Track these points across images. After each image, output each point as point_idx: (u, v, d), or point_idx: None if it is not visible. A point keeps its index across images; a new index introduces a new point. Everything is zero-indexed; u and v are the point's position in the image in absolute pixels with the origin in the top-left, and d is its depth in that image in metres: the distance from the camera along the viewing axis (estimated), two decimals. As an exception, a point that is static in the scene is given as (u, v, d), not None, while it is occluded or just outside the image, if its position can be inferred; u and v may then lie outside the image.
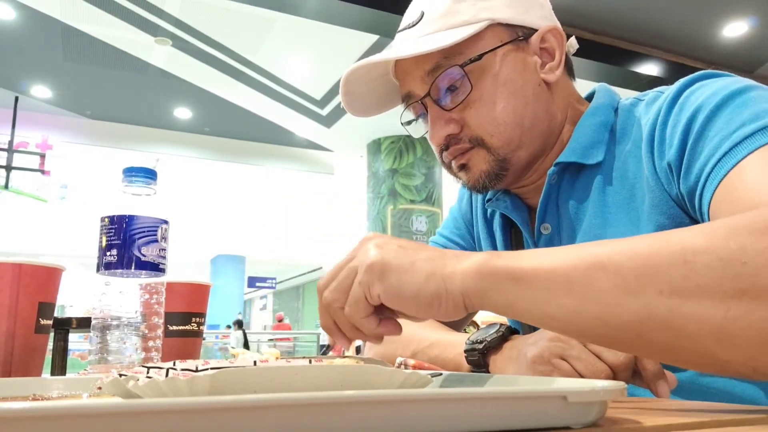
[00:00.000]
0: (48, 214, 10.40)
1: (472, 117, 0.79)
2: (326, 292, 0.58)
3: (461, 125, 0.80)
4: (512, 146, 0.80)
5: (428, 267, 0.53)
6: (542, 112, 0.82)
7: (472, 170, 0.82)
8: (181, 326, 0.83)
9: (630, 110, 0.82)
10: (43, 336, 0.74)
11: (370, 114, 0.91)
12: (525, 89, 0.80)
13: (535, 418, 0.36)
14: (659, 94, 0.79)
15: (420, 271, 0.53)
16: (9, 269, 0.70)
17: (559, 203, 0.84)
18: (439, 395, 0.34)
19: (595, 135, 0.82)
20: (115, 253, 0.66)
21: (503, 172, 0.81)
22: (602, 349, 0.61)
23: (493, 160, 0.80)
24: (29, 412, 0.26)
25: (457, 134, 0.81)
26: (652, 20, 5.43)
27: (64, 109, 7.74)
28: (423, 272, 0.53)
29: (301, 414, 0.31)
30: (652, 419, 0.38)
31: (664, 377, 0.60)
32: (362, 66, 0.81)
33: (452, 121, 0.80)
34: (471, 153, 0.81)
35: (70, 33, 5.84)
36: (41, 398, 0.54)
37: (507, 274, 0.51)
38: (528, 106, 0.80)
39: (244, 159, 8.94)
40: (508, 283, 0.51)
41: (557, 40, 0.83)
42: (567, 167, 0.83)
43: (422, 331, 0.86)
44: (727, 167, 0.61)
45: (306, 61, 6.35)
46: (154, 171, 0.70)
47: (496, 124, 0.79)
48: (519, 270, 0.50)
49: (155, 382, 0.37)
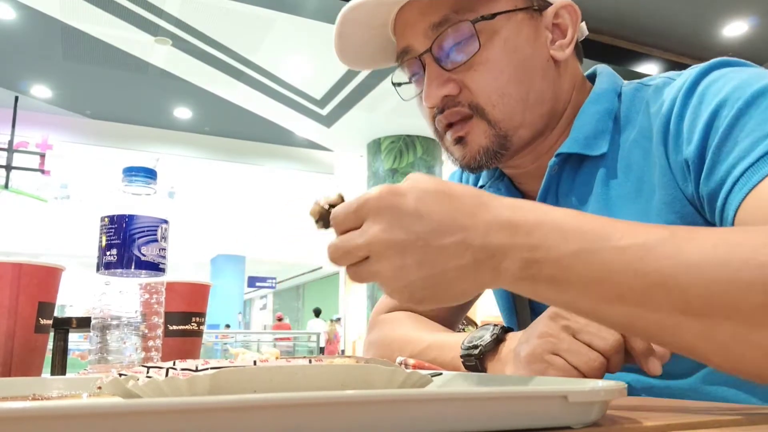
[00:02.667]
0: (48, 214, 10.40)
1: (475, 80, 0.73)
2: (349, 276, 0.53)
3: (460, 87, 0.74)
4: (514, 122, 0.74)
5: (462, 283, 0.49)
6: (548, 91, 0.76)
7: (470, 145, 0.76)
8: (181, 326, 0.83)
9: (635, 96, 0.77)
10: (43, 336, 0.74)
11: (360, 66, 0.85)
12: (534, 62, 0.75)
13: (535, 418, 0.36)
14: (669, 81, 0.74)
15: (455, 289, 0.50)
16: (9, 269, 0.70)
17: (558, 196, 0.79)
18: (440, 395, 0.34)
19: (598, 124, 0.77)
20: (115, 253, 0.66)
21: (503, 151, 0.75)
22: (592, 337, 0.59)
23: (494, 136, 0.74)
24: (29, 411, 0.26)
25: (455, 96, 0.74)
26: (652, 20, 5.43)
27: (64, 109, 7.74)
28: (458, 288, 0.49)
29: (301, 414, 0.31)
30: (653, 419, 0.38)
31: (654, 354, 0.59)
32: (362, 5, 0.75)
33: (451, 81, 0.74)
34: (470, 125, 0.75)
35: (70, 33, 5.83)
36: (41, 398, 0.54)
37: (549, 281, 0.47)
38: (534, 81, 0.75)
39: (244, 159, 8.94)
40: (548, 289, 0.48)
41: (572, 17, 0.78)
42: (568, 158, 0.78)
43: (418, 333, 0.84)
44: (762, 173, 0.57)
45: (306, 60, 6.34)
46: (154, 171, 0.70)
47: (500, 93, 0.73)
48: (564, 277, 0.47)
49: (155, 381, 0.37)
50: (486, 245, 0.48)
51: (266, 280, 18.29)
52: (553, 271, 0.47)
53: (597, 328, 0.60)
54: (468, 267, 0.48)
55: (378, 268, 0.50)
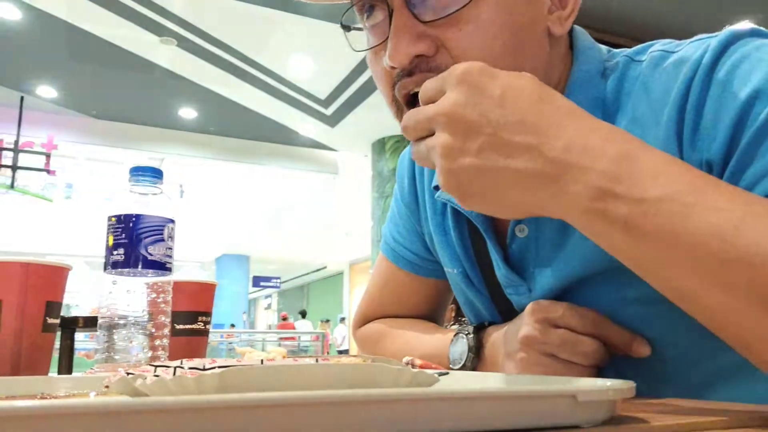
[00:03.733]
0: (54, 214, 10.44)
1: (459, 41, 0.57)
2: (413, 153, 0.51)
3: (437, 46, 0.58)
4: None
5: (518, 193, 0.45)
6: (540, 69, 0.61)
7: None
8: (188, 325, 0.83)
9: (624, 75, 0.63)
10: (51, 335, 0.74)
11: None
12: (530, 32, 0.60)
13: (544, 418, 0.35)
14: (666, 54, 0.61)
15: (507, 197, 0.45)
16: (17, 268, 0.70)
17: None
18: (447, 394, 0.34)
19: None
20: (122, 252, 0.66)
21: None
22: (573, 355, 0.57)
23: None
24: (37, 410, 0.26)
25: (429, 58, 0.58)
26: (657, 19, 5.41)
27: (70, 109, 7.77)
28: (511, 198, 0.45)
29: (308, 412, 0.31)
30: (663, 419, 0.38)
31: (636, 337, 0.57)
32: None
33: (426, 37, 0.57)
34: None
35: (75, 33, 5.86)
36: (49, 396, 0.54)
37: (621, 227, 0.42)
38: (528, 54, 0.60)
39: (248, 158, 8.96)
40: (618, 232, 0.43)
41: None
42: None
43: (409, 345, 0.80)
44: None
45: (310, 60, 6.35)
46: (160, 170, 0.70)
47: (492, 61, 0.52)
48: (640, 223, 0.41)
49: (163, 380, 0.37)
50: (561, 159, 0.42)
51: (271, 279, 18.34)
52: (630, 212, 0.41)
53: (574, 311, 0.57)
54: (531, 176, 0.43)
55: (436, 141, 0.46)
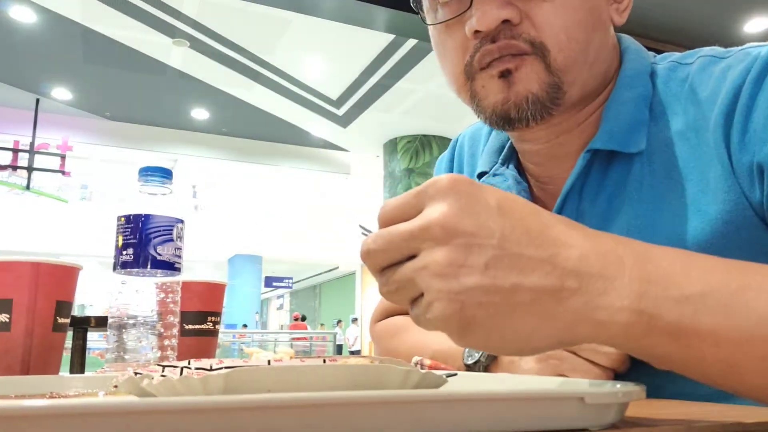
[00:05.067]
0: (68, 214, 10.54)
1: (543, 13, 0.60)
2: (381, 286, 0.41)
3: (521, 16, 0.61)
4: (572, 75, 0.62)
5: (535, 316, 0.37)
6: (604, 51, 0.66)
7: (518, 85, 0.62)
8: (197, 325, 0.84)
9: (671, 77, 0.66)
10: (61, 334, 0.75)
11: None
12: (600, 13, 0.64)
13: (552, 420, 0.35)
14: (715, 59, 0.63)
15: (521, 325, 0.37)
16: (27, 268, 0.70)
17: (583, 194, 0.67)
18: (454, 396, 0.34)
19: (634, 114, 0.65)
20: (131, 252, 0.66)
21: (552, 107, 0.62)
22: (593, 353, 0.57)
23: (548, 86, 0.61)
24: (43, 409, 0.26)
25: (515, 25, 0.61)
26: (673, 17, 5.37)
27: (84, 111, 7.85)
28: (526, 325, 0.37)
29: (315, 414, 0.30)
30: (673, 422, 0.38)
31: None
32: None
33: (512, 5, 0.60)
34: (524, 60, 0.61)
35: (89, 36, 5.92)
36: (58, 396, 0.54)
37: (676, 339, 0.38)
38: (597, 34, 0.64)
39: (260, 159, 9.00)
40: (668, 344, 0.38)
41: None
42: (597, 153, 0.65)
43: (419, 343, 0.79)
44: None
45: (322, 61, 6.37)
46: (169, 170, 0.70)
47: (569, 36, 0.61)
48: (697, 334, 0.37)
49: (169, 380, 0.37)
50: (581, 270, 0.37)
51: (283, 280, 18.40)
52: (680, 314, 0.37)
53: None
54: (550, 293, 0.37)
55: (428, 260, 0.37)
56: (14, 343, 0.69)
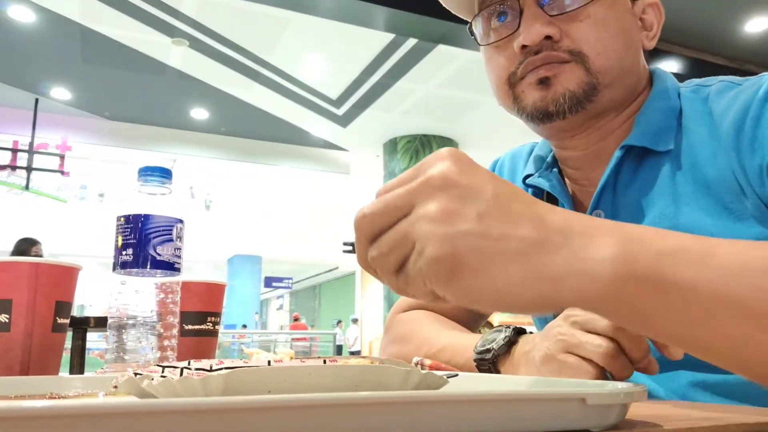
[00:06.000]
0: (67, 215, 10.54)
1: (580, 30, 0.72)
2: (373, 250, 0.41)
3: (561, 34, 0.72)
4: (608, 78, 0.73)
5: (522, 264, 0.38)
6: (636, 66, 0.77)
7: (555, 87, 0.73)
8: (197, 325, 0.84)
9: (694, 96, 0.77)
10: (61, 335, 0.74)
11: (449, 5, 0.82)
12: (632, 34, 0.76)
13: (553, 421, 0.35)
14: (731, 85, 0.74)
15: (508, 271, 0.38)
16: (26, 268, 0.70)
17: (617, 189, 0.76)
18: (455, 397, 0.34)
19: (664, 120, 0.75)
20: (130, 253, 0.66)
21: (587, 102, 0.73)
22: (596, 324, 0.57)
23: (586, 84, 0.72)
24: (42, 411, 0.26)
25: (556, 41, 0.72)
26: (673, 16, 5.36)
27: (83, 111, 7.84)
28: (513, 273, 0.38)
29: (315, 414, 0.30)
30: (674, 422, 0.38)
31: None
32: None
33: (553, 24, 0.72)
34: (563, 68, 0.72)
35: (88, 35, 5.91)
36: (57, 396, 0.54)
37: (658, 288, 0.39)
38: (630, 50, 0.75)
39: (260, 159, 8.99)
40: (657, 298, 0.39)
41: (656, 15, 0.81)
42: (630, 150, 0.75)
43: (435, 333, 0.83)
44: None
45: (322, 60, 6.36)
46: (169, 170, 0.70)
47: (604, 46, 0.72)
48: (676, 283, 0.39)
49: (169, 381, 0.37)
50: (566, 229, 0.40)
51: (283, 280, 18.40)
52: (659, 265, 0.39)
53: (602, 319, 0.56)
54: (539, 244, 0.38)
55: (423, 211, 0.39)
56: (14, 343, 0.69)
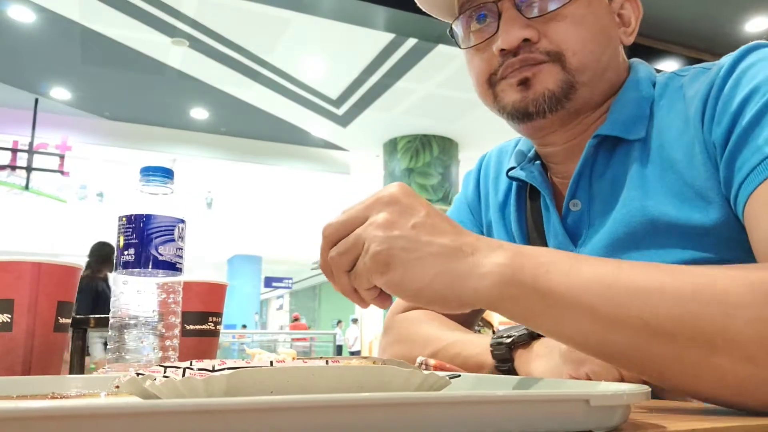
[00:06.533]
0: (67, 215, 10.53)
1: (558, 31, 0.73)
2: (333, 251, 0.54)
3: (539, 36, 0.74)
4: (585, 76, 0.75)
5: (438, 264, 0.50)
6: (613, 64, 0.78)
7: (535, 87, 0.74)
8: (198, 325, 0.83)
9: (668, 84, 0.78)
10: (63, 335, 0.74)
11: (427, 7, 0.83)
12: (609, 33, 0.77)
13: (556, 422, 0.35)
14: (704, 70, 0.75)
15: (428, 268, 0.50)
16: (28, 268, 0.70)
17: (592, 178, 0.79)
18: (457, 398, 0.34)
19: (637, 109, 0.77)
20: (132, 253, 0.66)
21: (565, 101, 0.75)
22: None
23: (563, 82, 0.74)
24: (45, 411, 0.26)
25: (534, 43, 0.74)
26: (673, 16, 5.37)
27: (83, 111, 7.83)
28: (431, 269, 0.50)
29: (317, 415, 0.30)
30: (677, 423, 0.38)
31: None
32: None
33: (531, 27, 0.74)
34: (541, 68, 0.74)
35: (88, 35, 5.90)
36: (60, 396, 0.54)
37: (533, 290, 0.49)
38: (608, 48, 0.77)
39: (260, 159, 8.98)
40: (531, 297, 0.49)
41: (634, 11, 0.82)
42: (604, 140, 0.78)
43: (439, 330, 0.85)
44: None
45: (321, 60, 6.36)
46: (170, 170, 0.70)
47: (582, 45, 0.73)
48: (546, 287, 0.49)
49: (172, 381, 0.37)
50: (474, 244, 0.52)
51: (283, 280, 18.39)
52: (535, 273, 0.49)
53: None
54: (452, 250, 0.51)
55: (373, 220, 0.51)
56: (15, 343, 0.69)
